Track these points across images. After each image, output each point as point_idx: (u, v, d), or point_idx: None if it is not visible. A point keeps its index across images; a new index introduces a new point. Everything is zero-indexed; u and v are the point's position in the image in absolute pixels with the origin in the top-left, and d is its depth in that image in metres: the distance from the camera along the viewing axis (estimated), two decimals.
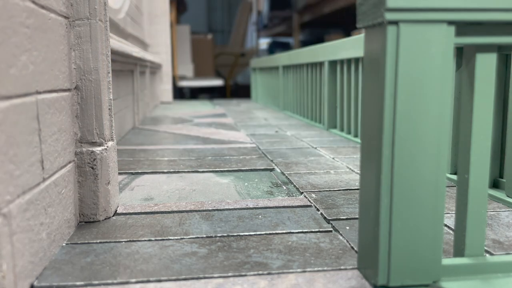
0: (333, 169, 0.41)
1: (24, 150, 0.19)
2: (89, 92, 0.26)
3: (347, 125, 0.62)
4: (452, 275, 0.19)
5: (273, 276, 0.20)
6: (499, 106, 0.33)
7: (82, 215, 0.27)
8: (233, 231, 0.26)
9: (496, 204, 0.31)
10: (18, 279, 0.18)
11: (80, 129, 0.26)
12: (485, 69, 0.19)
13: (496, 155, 0.33)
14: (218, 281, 0.20)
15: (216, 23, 5.18)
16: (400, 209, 0.18)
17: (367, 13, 0.18)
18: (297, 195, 0.33)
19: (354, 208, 0.30)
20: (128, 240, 0.24)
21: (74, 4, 0.25)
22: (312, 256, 0.22)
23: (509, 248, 0.23)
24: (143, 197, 0.33)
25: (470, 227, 0.19)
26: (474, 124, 0.19)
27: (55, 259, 0.22)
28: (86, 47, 0.25)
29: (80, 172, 0.26)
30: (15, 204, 0.18)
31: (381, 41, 0.18)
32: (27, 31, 0.19)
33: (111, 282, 0.20)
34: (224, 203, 0.31)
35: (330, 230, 0.26)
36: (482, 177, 0.19)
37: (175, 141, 0.58)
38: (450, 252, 0.23)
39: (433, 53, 0.18)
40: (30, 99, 0.19)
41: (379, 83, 0.18)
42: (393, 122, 0.18)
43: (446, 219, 0.27)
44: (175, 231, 0.26)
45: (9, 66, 0.17)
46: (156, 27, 1.37)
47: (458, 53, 0.34)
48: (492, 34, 0.18)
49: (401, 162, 0.18)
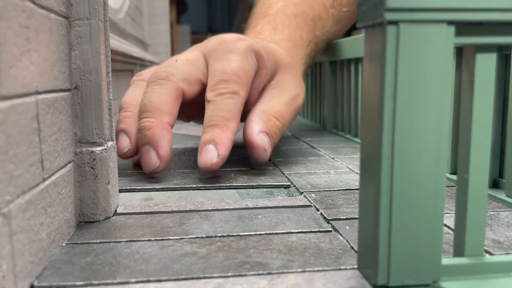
0: (333, 169, 0.41)
1: (24, 150, 0.19)
2: (89, 92, 0.26)
3: (347, 125, 0.62)
4: (452, 275, 0.19)
5: (273, 276, 0.20)
6: (499, 106, 0.33)
7: (82, 215, 0.27)
8: (233, 231, 0.26)
9: (496, 204, 0.31)
10: (18, 279, 0.18)
11: (80, 129, 0.26)
12: (485, 69, 0.19)
13: (496, 155, 0.33)
14: (218, 281, 0.20)
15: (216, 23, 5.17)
16: (400, 209, 0.18)
17: (367, 13, 0.18)
18: (297, 195, 0.33)
19: (354, 208, 0.30)
20: (128, 240, 0.24)
21: (74, 4, 0.25)
22: (312, 256, 0.22)
23: (509, 248, 0.23)
24: (143, 197, 0.33)
25: (470, 227, 0.19)
26: (474, 124, 0.19)
27: (55, 259, 0.22)
28: (86, 47, 0.25)
29: (80, 172, 0.26)
30: (15, 204, 0.18)
31: (381, 41, 0.18)
32: (27, 31, 0.19)
33: (111, 282, 0.20)
34: (224, 203, 0.31)
35: (330, 230, 0.26)
36: (482, 177, 0.19)
37: (175, 141, 0.58)
38: (450, 252, 0.23)
39: (433, 53, 0.18)
40: (30, 99, 0.19)
41: (378, 83, 0.18)
42: (393, 122, 0.18)
43: (446, 219, 0.27)
44: (175, 231, 0.26)
45: (9, 66, 0.17)
46: (156, 27, 1.37)
47: (458, 53, 0.34)
48: (492, 34, 0.18)
49: (401, 162, 0.18)
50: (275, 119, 0.40)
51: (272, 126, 0.39)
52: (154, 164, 0.36)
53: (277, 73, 0.44)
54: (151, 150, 0.36)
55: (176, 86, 0.38)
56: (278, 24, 0.53)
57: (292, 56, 0.49)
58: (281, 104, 0.42)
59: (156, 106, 0.37)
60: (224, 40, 0.41)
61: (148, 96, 0.37)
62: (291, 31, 0.52)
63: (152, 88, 0.38)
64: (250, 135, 0.38)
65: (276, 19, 0.53)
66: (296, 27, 0.53)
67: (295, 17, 0.54)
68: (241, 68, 0.39)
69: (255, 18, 0.56)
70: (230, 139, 0.37)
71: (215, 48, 0.41)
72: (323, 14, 0.58)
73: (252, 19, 0.57)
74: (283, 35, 0.51)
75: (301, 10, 0.55)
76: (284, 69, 0.44)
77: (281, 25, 0.52)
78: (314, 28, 0.56)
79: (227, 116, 0.37)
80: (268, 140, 0.39)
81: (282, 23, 0.53)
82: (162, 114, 0.36)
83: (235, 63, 0.39)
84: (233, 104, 0.37)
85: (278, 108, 0.41)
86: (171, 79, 0.38)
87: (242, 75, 0.39)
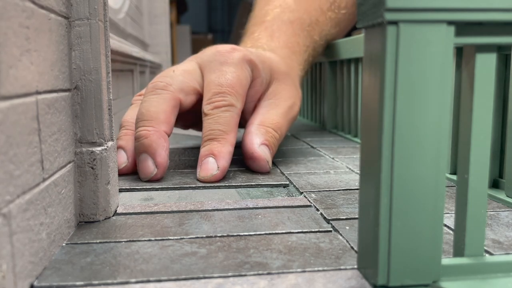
0: (333, 169, 0.41)
1: (24, 150, 0.19)
2: (89, 92, 0.26)
3: (347, 125, 0.62)
4: (452, 275, 0.19)
5: (273, 276, 0.20)
6: (499, 106, 0.33)
7: (82, 215, 0.27)
8: (233, 231, 0.26)
9: (496, 204, 0.31)
10: (18, 279, 0.18)
11: (80, 129, 0.26)
12: (485, 69, 0.19)
13: (496, 155, 0.33)
14: (218, 281, 0.20)
15: (216, 23, 5.17)
16: (400, 209, 0.18)
17: (367, 13, 0.18)
18: (297, 195, 0.33)
19: (354, 208, 0.30)
20: (128, 240, 0.24)
21: (74, 4, 0.25)
22: (312, 256, 0.22)
23: (509, 248, 0.23)
24: (143, 197, 0.33)
25: (470, 227, 0.19)
26: (474, 124, 0.19)
27: (55, 259, 0.22)
28: (86, 47, 0.25)
29: (80, 172, 0.26)
30: (15, 204, 0.18)
31: (381, 41, 0.18)
32: (27, 31, 0.19)
33: (111, 282, 0.20)
34: (224, 203, 0.31)
35: (330, 230, 0.26)
36: (482, 177, 0.19)
37: (175, 141, 0.58)
38: (450, 252, 0.23)
39: (433, 53, 0.18)
40: (30, 99, 0.19)
41: (378, 83, 0.18)
42: (392, 122, 0.18)
43: (446, 219, 0.27)
44: (175, 231, 0.26)
45: (9, 66, 0.17)
46: (156, 27, 1.37)
47: (458, 53, 0.34)
48: (492, 34, 0.18)
49: (401, 162, 0.18)
50: (274, 131, 0.41)
51: (271, 137, 0.40)
52: (151, 172, 0.36)
53: (273, 82, 0.44)
54: (149, 158, 0.36)
55: (173, 96, 0.38)
56: (275, 31, 0.53)
57: (289, 63, 0.49)
58: (278, 115, 0.42)
59: (153, 115, 0.37)
60: (218, 51, 0.42)
61: (145, 105, 0.38)
62: (288, 37, 0.53)
63: (150, 97, 0.38)
64: (251, 148, 0.39)
65: (272, 26, 0.54)
66: (293, 34, 0.53)
67: (291, 24, 0.54)
68: (236, 79, 0.39)
69: (253, 23, 0.57)
70: (229, 151, 0.37)
71: (210, 59, 0.41)
72: (320, 18, 0.58)
73: (250, 24, 0.57)
74: (280, 42, 0.51)
75: (298, 16, 0.55)
76: (280, 78, 0.45)
77: (277, 32, 0.53)
78: (312, 33, 0.56)
79: (225, 130, 0.37)
80: (269, 152, 0.40)
81: (278, 30, 0.53)
82: (159, 123, 0.37)
83: (230, 75, 0.39)
84: (230, 116, 0.38)
85: (276, 120, 0.42)
86: (168, 89, 0.38)
87: (237, 87, 0.39)
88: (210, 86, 0.39)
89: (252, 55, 0.42)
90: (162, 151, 0.36)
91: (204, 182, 0.36)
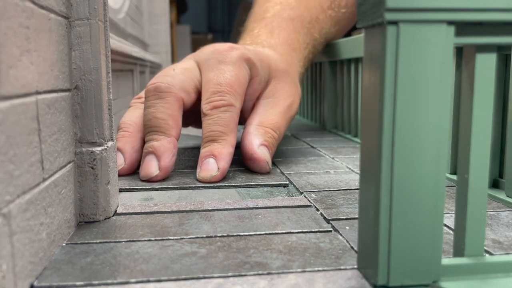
0: (333, 169, 0.41)
1: (24, 150, 0.19)
2: (89, 92, 0.26)
3: (347, 125, 0.62)
4: (452, 275, 0.19)
5: (273, 276, 0.20)
6: (499, 106, 0.33)
7: (82, 215, 0.27)
8: (233, 231, 0.26)
9: (496, 204, 0.31)
10: (18, 279, 0.18)
11: (80, 129, 0.26)
12: (485, 69, 0.19)
13: (496, 155, 0.33)
14: (218, 281, 0.20)
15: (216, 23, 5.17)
16: (400, 209, 0.18)
17: (367, 13, 0.18)
18: (297, 195, 0.33)
19: (354, 208, 0.30)
20: (128, 240, 0.24)
21: (74, 4, 0.25)
22: (312, 256, 0.22)
23: (509, 248, 0.23)
24: (143, 197, 0.33)
25: (470, 227, 0.19)
26: (474, 124, 0.19)
27: (55, 259, 0.22)
28: (86, 47, 0.25)
29: (80, 172, 0.26)
30: (15, 204, 0.18)
31: (381, 41, 0.18)
32: (27, 31, 0.19)
33: (111, 282, 0.20)
34: (224, 203, 0.31)
35: (330, 230, 0.26)
36: (482, 177, 0.19)
37: None
38: (450, 252, 0.23)
39: (433, 53, 0.18)
40: (30, 99, 0.19)
41: (378, 83, 0.18)
42: (392, 122, 0.18)
43: (446, 219, 0.27)
44: (175, 231, 0.26)
45: (9, 66, 0.17)
46: (156, 27, 1.37)
47: (458, 53, 0.34)
48: (492, 34, 0.18)
49: (401, 162, 0.18)
50: (272, 131, 0.41)
51: (270, 138, 0.40)
52: (152, 172, 0.36)
53: (271, 80, 0.44)
54: (154, 160, 0.36)
55: (177, 97, 0.38)
56: (275, 28, 0.53)
57: (289, 60, 0.49)
58: (277, 114, 0.42)
59: (162, 123, 0.37)
60: (216, 49, 0.41)
61: (151, 111, 0.37)
62: (288, 34, 0.52)
63: (154, 102, 0.38)
64: (251, 149, 0.39)
65: (272, 23, 0.53)
66: (293, 31, 0.53)
67: (291, 21, 0.54)
68: (235, 78, 0.39)
69: (252, 20, 0.56)
70: (229, 153, 0.37)
71: (208, 57, 0.41)
72: (320, 16, 0.58)
73: (250, 21, 0.57)
74: (280, 39, 0.51)
75: (298, 13, 0.55)
76: (278, 76, 0.45)
77: (277, 28, 0.53)
78: (312, 31, 0.56)
79: (225, 131, 0.37)
80: (268, 152, 0.40)
81: (278, 27, 0.53)
82: (169, 129, 0.37)
83: (228, 74, 0.39)
84: (230, 117, 0.38)
85: (275, 120, 0.41)
86: (171, 90, 0.38)
87: (236, 86, 0.39)
88: (208, 85, 0.39)
89: (250, 53, 0.42)
90: (169, 156, 0.36)
91: (203, 182, 0.36)
